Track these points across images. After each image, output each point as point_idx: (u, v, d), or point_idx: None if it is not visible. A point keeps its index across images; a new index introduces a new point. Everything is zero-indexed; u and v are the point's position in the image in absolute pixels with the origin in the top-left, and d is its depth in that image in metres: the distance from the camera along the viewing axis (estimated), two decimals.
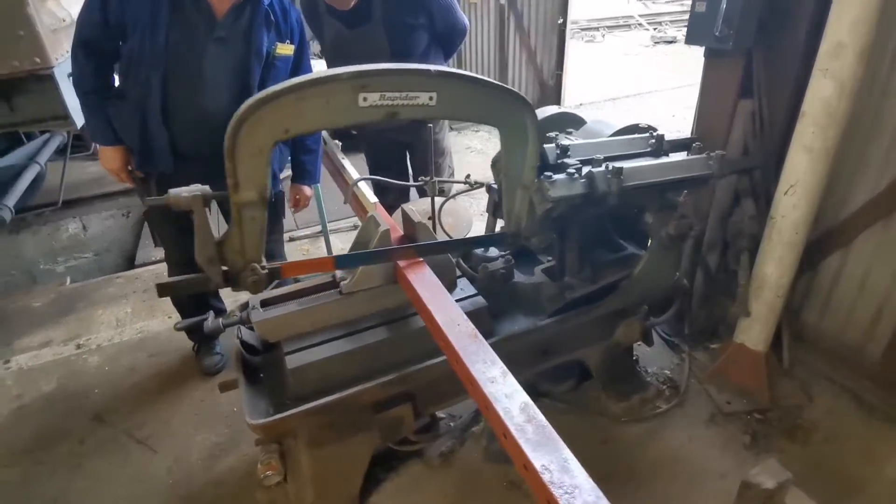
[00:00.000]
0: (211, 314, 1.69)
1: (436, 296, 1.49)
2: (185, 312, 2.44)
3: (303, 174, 2.26)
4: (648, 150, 1.92)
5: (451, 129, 3.05)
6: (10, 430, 2.31)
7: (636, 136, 1.97)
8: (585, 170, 1.66)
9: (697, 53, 2.22)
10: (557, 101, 5.78)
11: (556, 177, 1.62)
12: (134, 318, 3.02)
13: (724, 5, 1.88)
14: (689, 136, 2.24)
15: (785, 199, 1.86)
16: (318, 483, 1.76)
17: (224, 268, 1.42)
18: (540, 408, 2.27)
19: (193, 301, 2.37)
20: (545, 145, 1.85)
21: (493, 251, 2.01)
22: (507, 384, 1.18)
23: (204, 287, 1.43)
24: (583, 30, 12.36)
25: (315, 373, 1.59)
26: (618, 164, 1.61)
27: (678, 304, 2.17)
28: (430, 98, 1.34)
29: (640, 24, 12.64)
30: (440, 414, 2.26)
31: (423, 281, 1.56)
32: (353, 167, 2.49)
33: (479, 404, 1.20)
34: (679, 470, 1.96)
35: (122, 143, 1.94)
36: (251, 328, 1.72)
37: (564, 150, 1.80)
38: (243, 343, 1.77)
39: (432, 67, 1.35)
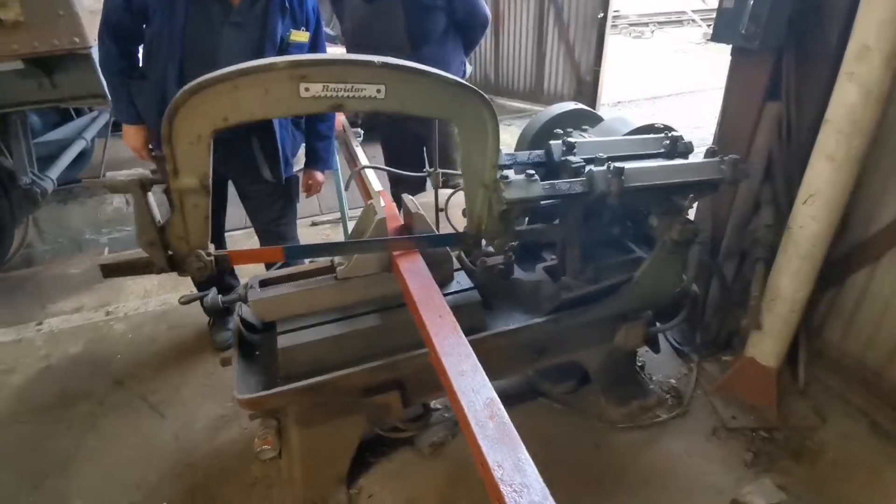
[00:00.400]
0: (213, 290, 1.75)
1: (423, 286, 1.50)
2: (201, 288, 2.53)
3: (316, 160, 2.30)
4: (661, 151, 1.86)
5: None
6: (34, 388, 2.47)
7: (650, 136, 1.92)
8: (587, 168, 1.63)
9: None
10: (594, 98, 5.64)
11: (512, 178, 1.56)
12: (159, 291, 3.16)
13: (751, 1, 1.79)
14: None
15: (804, 209, 1.77)
16: (306, 461, 1.81)
17: (170, 252, 1.41)
18: (536, 407, 2.26)
19: (213, 278, 2.47)
20: (551, 142, 1.84)
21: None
22: (476, 379, 1.18)
23: (147, 270, 1.44)
24: (631, 25, 11.99)
25: (305, 354, 1.63)
26: (619, 164, 1.57)
27: (686, 311, 2.10)
28: (378, 91, 1.28)
29: (692, 21, 12.14)
30: (435, 405, 2.28)
31: (413, 271, 1.57)
32: (368, 156, 2.53)
33: (448, 396, 1.21)
34: (672, 481, 1.91)
35: (144, 122, 2.03)
36: None
37: (570, 148, 1.77)
38: (243, 321, 1.83)
39: (377, 58, 1.28)
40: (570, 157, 1.72)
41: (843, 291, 2.16)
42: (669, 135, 1.86)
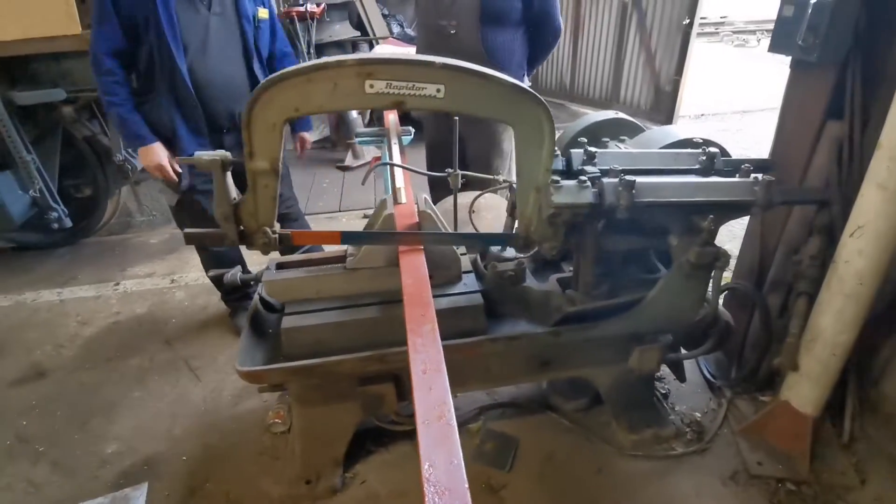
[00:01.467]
0: (237, 267, 1.90)
1: (416, 283, 1.52)
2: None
3: (293, 126, 2.60)
4: (697, 167, 1.74)
5: None
6: (102, 339, 2.80)
7: (684, 150, 1.80)
8: (599, 179, 1.57)
9: None
10: (671, 109, 5.34)
11: (564, 182, 1.55)
12: None
13: (809, 10, 1.63)
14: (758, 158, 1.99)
15: (850, 241, 1.58)
16: (305, 439, 1.90)
17: (241, 228, 1.58)
18: (545, 420, 2.21)
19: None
20: (573, 150, 1.79)
21: (511, 252, 1.97)
22: (436, 380, 1.18)
23: (221, 241, 1.60)
24: (735, 33, 11.18)
25: (306, 336, 1.71)
26: (631, 177, 1.49)
27: (714, 342, 1.96)
28: (438, 90, 1.35)
29: None
30: None
31: (411, 268, 1.59)
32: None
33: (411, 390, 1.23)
34: None
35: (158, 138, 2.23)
36: None
37: (591, 157, 1.72)
38: (263, 301, 1.95)
39: (437, 59, 1.35)
40: (587, 167, 1.67)
41: None
42: (707, 150, 1.75)
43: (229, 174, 1.53)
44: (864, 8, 1.64)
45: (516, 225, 1.75)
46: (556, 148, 1.75)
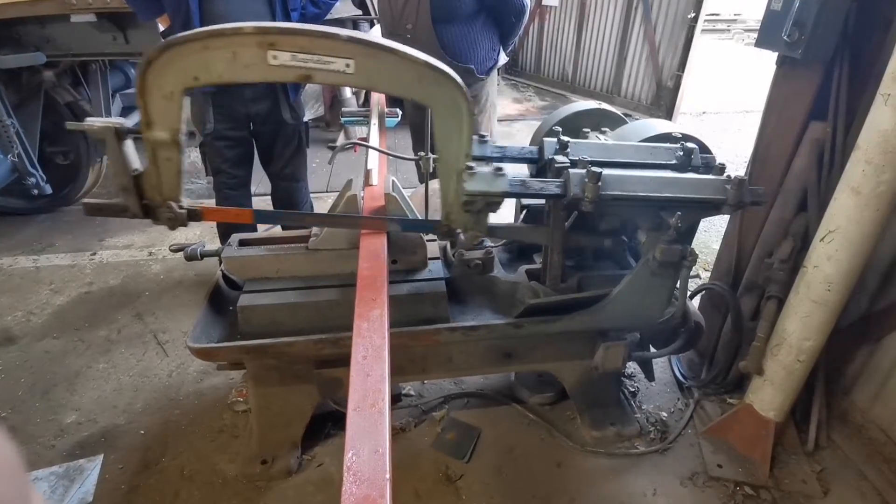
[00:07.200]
0: (199, 243, 1.86)
1: (372, 267, 1.48)
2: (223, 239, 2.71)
3: None
4: (673, 162, 1.69)
5: None
6: (72, 308, 2.77)
7: (661, 145, 1.75)
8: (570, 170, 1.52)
9: None
10: (672, 106, 5.26)
11: (478, 169, 1.47)
12: (197, 241, 3.39)
13: (797, 4, 1.57)
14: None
15: (821, 246, 1.53)
16: (262, 419, 1.88)
17: (145, 201, 1.45)
18: (510, 412, 2.18)
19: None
20: (546, 138, 1.74)
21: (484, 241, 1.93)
22: (374, 367, 1.15)
23: (121, 213, 1.49)
24: (747, 31, 11.00)
25: (262, 316, 1.68)
26: (598, 169, 1.44)
27: (682, 342, 1.92)
28: (347, 65, 1.26)
29: None
30: (408, 391, 2.27)
31: (370, 251, 1.55)
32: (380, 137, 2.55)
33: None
34: None
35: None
36: None
37: (563, 147, 1.67)
38: (226, 277, 1.92)
39: (343, 32, 1.25)
40: (557, 157, 1.62)
41: (879, 351, 1.87)
42: (684, 146, 1.69)
43: (129, 143, 1.42)
44: (854, 4, 1.58)
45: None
46: (487, 134, 1.71)
